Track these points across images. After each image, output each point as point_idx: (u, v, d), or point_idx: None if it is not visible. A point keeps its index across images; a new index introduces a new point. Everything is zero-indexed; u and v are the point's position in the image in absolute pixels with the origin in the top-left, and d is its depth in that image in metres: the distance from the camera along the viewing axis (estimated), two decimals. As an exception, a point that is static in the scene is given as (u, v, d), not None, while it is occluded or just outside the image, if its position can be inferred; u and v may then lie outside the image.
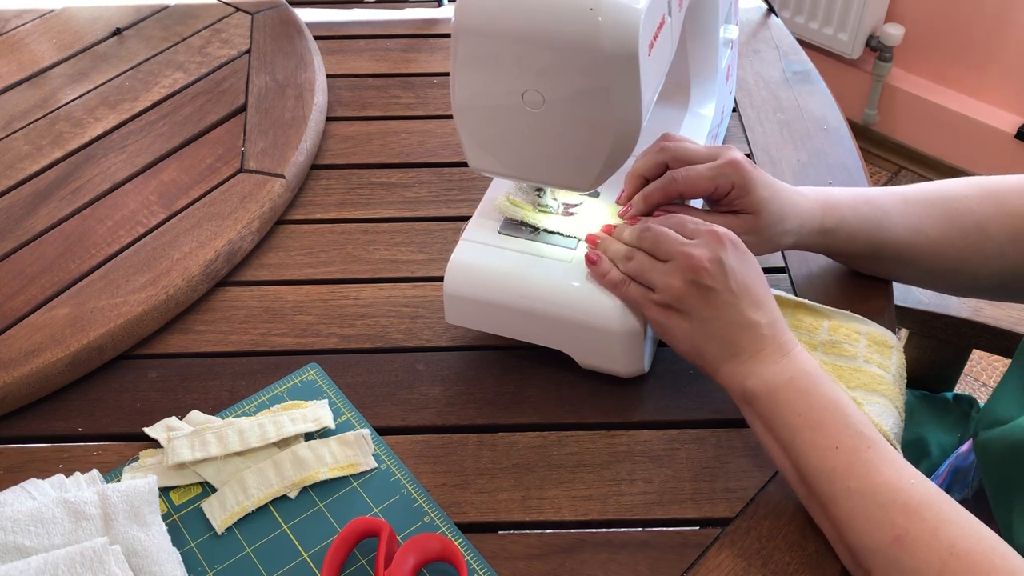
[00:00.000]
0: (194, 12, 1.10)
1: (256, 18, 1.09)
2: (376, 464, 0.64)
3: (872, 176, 2.23)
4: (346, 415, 0.68)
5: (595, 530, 0.61)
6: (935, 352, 0.95)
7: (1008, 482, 0.61)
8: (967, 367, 1.42)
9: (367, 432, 0.66)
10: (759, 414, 0.60)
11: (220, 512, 0.61)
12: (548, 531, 0.61)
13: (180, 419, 0.67)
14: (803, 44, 1.34)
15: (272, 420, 0.66)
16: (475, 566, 0.59)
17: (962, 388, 1.76)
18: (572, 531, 0.61)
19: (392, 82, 1.03)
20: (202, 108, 0.95)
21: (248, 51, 1.03)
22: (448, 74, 0.68)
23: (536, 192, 0.70)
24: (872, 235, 0.70)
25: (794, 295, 0.74)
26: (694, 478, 0.64)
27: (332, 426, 0.66)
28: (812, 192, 0.71)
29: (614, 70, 0.58)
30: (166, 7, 1.11)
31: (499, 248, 0.69)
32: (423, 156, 0.93)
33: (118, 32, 1.07)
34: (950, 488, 0.76)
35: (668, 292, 0.61)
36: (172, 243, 0.79)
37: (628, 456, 0.65)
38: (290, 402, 0.68)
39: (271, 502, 0.62)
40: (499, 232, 0.70)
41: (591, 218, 0.71)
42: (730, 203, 0.67)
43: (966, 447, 0.80)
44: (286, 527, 0.61)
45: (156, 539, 0.58)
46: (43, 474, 0.63)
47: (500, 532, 0.61)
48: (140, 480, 0.61)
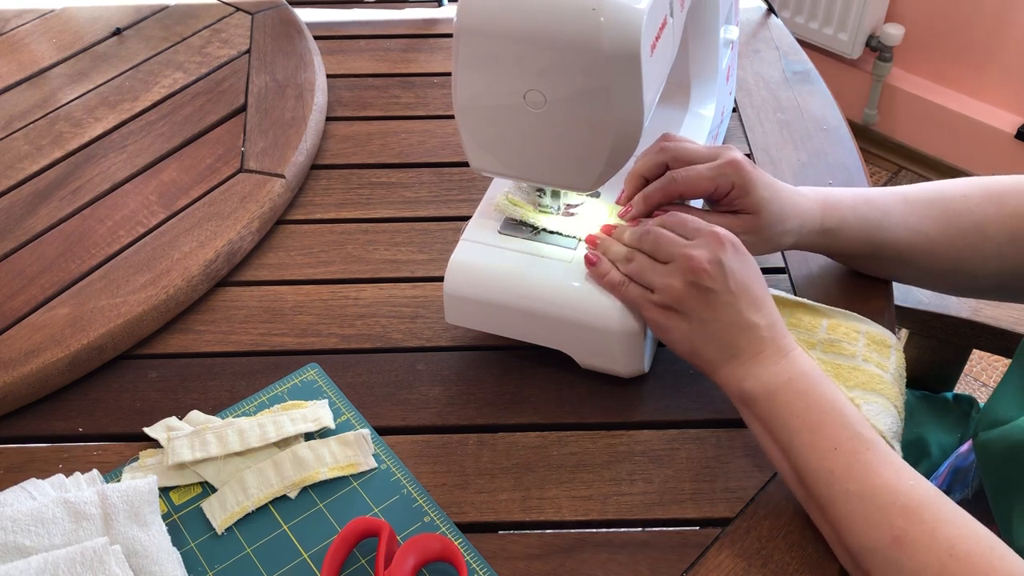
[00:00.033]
0: (194, 12, 1.10)
1: (256, 18, 1.09)
2: (376, 464, 0.64)
3: (872, 176, 2.23)
4: (346, 415, 0.68)
5: (595, 530, 0.61)
6: (935, 352, 0.96)
7: (1008, 482, 0.61)
8: (967, 367, 1.42)
9: (367, 432, 0.66)
10: (758, 416, 0.60)
11: (220, 512, 0.61)
12: (548, 531, 0.61)
13: (180, 419, 0.67)
14: (803, 44, 1.34)
15: (272, 420, 0.66)
16: (475, 566, 0.59)
17: (962, 388, 1.76)
18: (572, 531, 0.61)
19: (392, 82, 1.03)
20: (202, 108, 0.95)
21: (248, 51, 1.03)
22: (449, 74, 0.68)
23: (537, 192, 0.70)
24: (872, 235, 0.70)
25: (794, 295, 0.74)
26: (694, 478, 0.64)
27: (332, 426, 0.66)
28: (812, 192, 0.71)
29: (615, 70, 0.58)
30: (166, 7, 1.11)
31: (499, 248, 0.69)
32: (423, 156, 0.93)
33: (118, 32, 1.07)
34: (950, 488, 0.76)
35: (668, 293, 0.61)
36: (172, 243, 0.79)
37: (628, 456, 0.65)
38: (290, 402, 0.68)
39: (271, 502, 0.62)
40: (499, 232, 0.70)
41: (591, 218, 0.71)
42: (730, 203, 0.67)
43: (966, 447, 0.80)
44: (286, 527, 0.61)
45: (156, 539, 0.58)
46: (43, 474, 0.63)
47: (500, 532, 0.61)
48: (140, 480, 0.61)
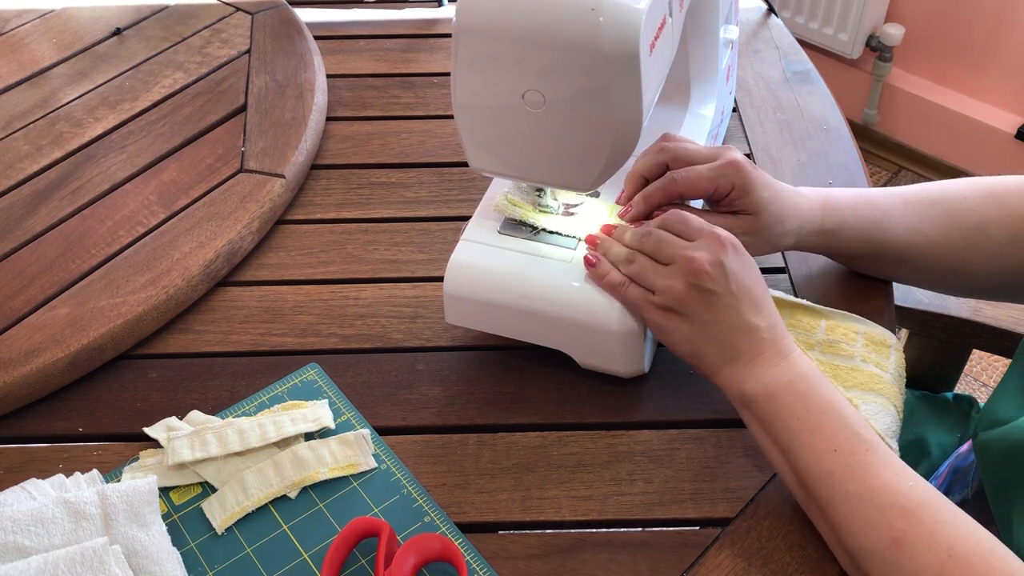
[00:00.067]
0: (194, 12, 1.10)
1: (256, 18, 1.09)
2: (376, 464, 0.64)
3: (872, 176, 2.23)
4: (346, 415, 0.68)
5: (595, 530, 0.61)
6: (935, 352, 0.95)
7: (1008, 482, 0.61)
8: (967, 367, 1.42)
9: (367, 432, 0.66)
10: (757, 417, 0.60)
11: (220, 512, 0.61)
12: (548, 531, 0.61)
13: (180, 419, 0.67)
14: (803, 44, 1.34)
15: (272, 420, 0.66)
16: (475, 566, 0.59)
17: (962, 388, 1.76)
18: (572, 531, 0.61)
19: (392, 82, 1.03)
20: (202, 108, 0.95)
21: (248, 51, 1.03)
22: (448, 74, 0.68)
23: (536, 192, 0.70)
24: (872, 236, 0.70)
25: (794, 295, 0.74)
26: (694, 478, 0.64)
27: (332, 426, 0.66)
28: (812, 193, 0.71)
29: (615, 70, 0.58)
30: (166, 7, 1.11)
31: (499, 248, 0.69)
32: (423, 156, 0.93)
33: (118, 32, 1.07)
34: (950, 488, 0.76)
35: (669, 294, 0.61)
36: (172, 243, 0.79)
37: (628, 456, 0.65)
38: (290, 402, 0.68)
39: (271, 502, 0.62)
40: (499, 232, 0.70)
41: (591, 218, 0.71)
42: (730, 204, 0.67)
43: (966, 447, 0.80)
44: (286, 527, 0.61)
45: (156, 539, 0.58)
46: (43, 474, 0.63)
47: (500, 532, 0.61)
48: (140, 480, 0.61)
